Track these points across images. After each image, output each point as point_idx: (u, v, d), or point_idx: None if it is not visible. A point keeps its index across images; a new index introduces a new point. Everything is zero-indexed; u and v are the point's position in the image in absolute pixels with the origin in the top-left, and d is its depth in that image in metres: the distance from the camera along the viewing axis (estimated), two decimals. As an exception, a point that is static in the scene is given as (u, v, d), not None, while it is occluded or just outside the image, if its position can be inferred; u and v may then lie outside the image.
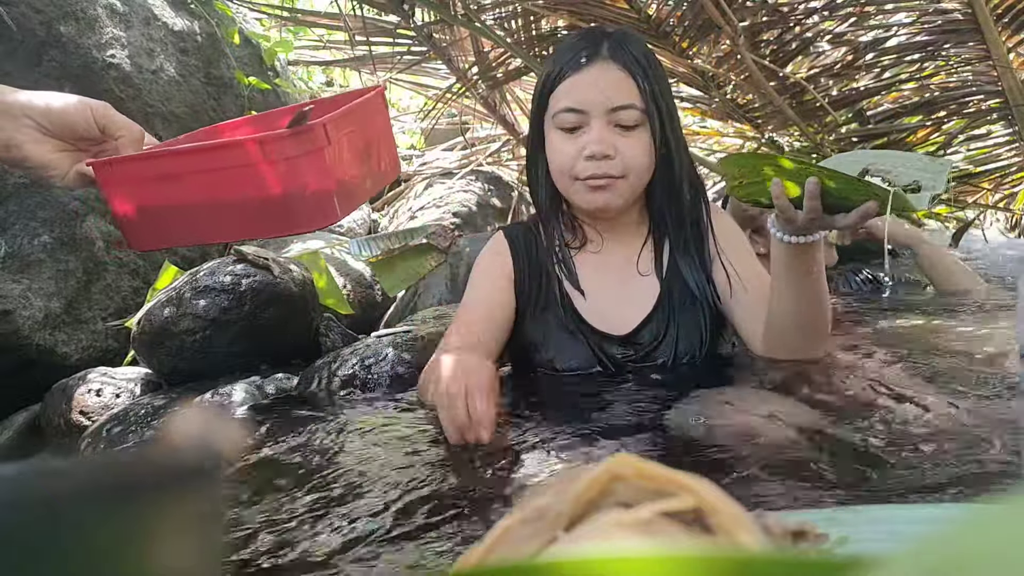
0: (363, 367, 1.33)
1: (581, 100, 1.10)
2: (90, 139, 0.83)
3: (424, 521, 0.70)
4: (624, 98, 1.10)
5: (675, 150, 1.15)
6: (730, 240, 1.20)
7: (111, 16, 1.89)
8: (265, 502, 0.79)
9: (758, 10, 1.99)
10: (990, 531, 0.14)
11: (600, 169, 1.10)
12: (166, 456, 0.18)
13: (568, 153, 1.12)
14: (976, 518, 0.14)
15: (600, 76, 1.10)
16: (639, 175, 1.13)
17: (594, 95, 1.10)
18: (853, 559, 0.15)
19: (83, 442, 1.30)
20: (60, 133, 0.81)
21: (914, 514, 0.41)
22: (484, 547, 0.25)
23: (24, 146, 0.79)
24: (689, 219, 1.19)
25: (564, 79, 1.12)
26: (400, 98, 3.76)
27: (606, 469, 0.25)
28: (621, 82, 1.10)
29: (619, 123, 1.10)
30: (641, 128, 1.11)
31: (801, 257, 0.98)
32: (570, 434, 0.90)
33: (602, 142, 1.09)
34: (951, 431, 0.82)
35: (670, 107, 1.15)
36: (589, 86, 1.10)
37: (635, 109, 1.10)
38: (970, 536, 0.14)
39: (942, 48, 2.03)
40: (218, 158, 0.79)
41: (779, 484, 0.69)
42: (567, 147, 1.12)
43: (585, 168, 1.11)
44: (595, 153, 1.09)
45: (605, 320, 1.17)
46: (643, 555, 0.15)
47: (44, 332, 1.67)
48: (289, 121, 0.76)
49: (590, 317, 1.17)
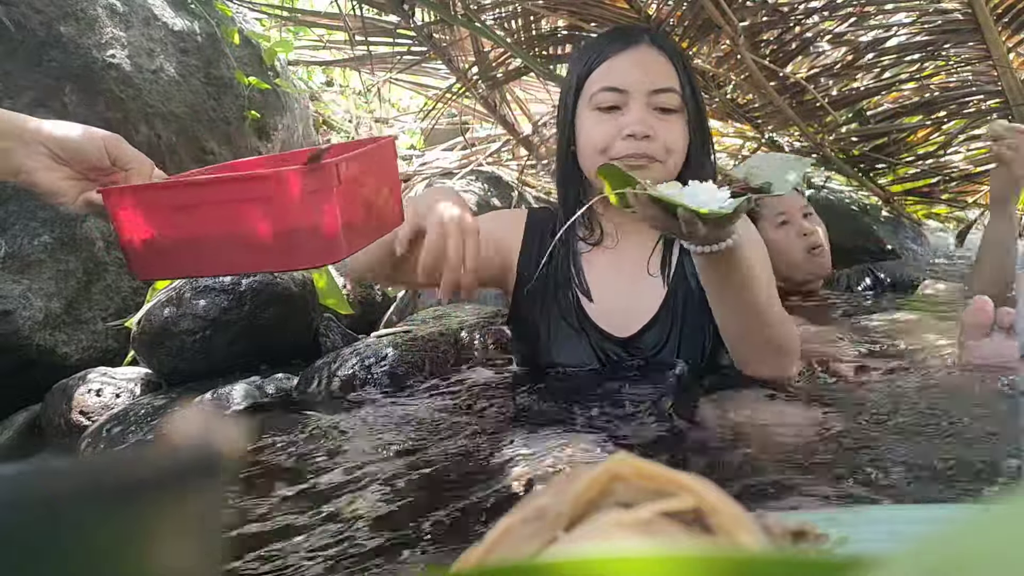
0: (363, 367, 1.33)
1: (622, 80, 1.10)
2: (101, 169, 0.85)
3: (424, 521, 0.70)
4: (665, 81, 1.10)
5: (703, 147, 1.15)
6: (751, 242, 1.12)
7: (111, 16, 1.89)
8: (265, 502, 0.79)
9: (758, 10, 1.99)
10: (990, 531, 0.14)
11: (640, 149, 1.08)
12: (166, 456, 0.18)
13: (605, 132, 1.10)
14: (976, 518, 0.14)
15: (643, 58, 1.11)
16: (676, 161, 1.12)
17: (637, 75, 1.09)
18: (853, 559, 0.15)
19: (83, 442, 1.31)
20: (72, 162, 0.83)
21: (914, 514, 0.41)
22: (484, 547, 0.25)
23: (35, 173, 0.81)
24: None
25: (603, 62, 1.12)
26: (400, 98, 3.76)
27: (606, 469, 0.25)
28: (662, 66, 1.11)
29: (658, 106, 1.09)
30: (679, 114, 1.11)
31: (713, 266, 0.94)
32: (570, 434, 0.90)
33: (643, 122, 1.08)
34: (951, 431, 0.82)
35: (700, 105, 1.16)
36: (632, 66, 1.10)
37: (675, 93, 1.10)
38: (970, 536, 0.14)
39: (942, 48, 2.03)
40: (229, 191, 0.80)
41: (779, 484, 0.69)
42: (603, 127, 1.10)
43: (624, 148, 1.08)
44: (636, 132, 1.07)
45: (610, 320, 1.15)
46: (643, 555, 0.15)
47: (44, 332, 1.67)
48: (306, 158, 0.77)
49: (596, 316, 1.16)
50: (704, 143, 1.16)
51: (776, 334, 1.01)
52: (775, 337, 1.01)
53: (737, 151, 2.77)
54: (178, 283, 1.53)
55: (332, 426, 1.09)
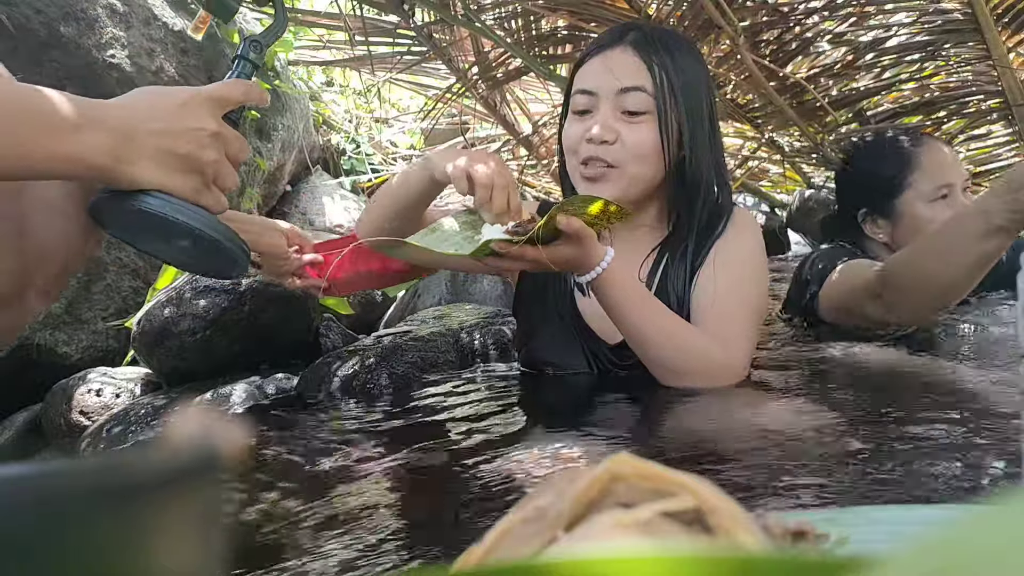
0: (363, 367, 1.33)
1: (592, 82, 1.10)
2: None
3: (424, 521, 0.70)
4: (632, 80, 1.07)
5: (695, 152, 1.10)
6: (730, 256, 1.12)
7: (111, 16, 1.89)
8: (265, 502, 0.79)
9: (758, 10, 1.99)
10: (990, 531, 0.13)
11: (597, 153, 1.07)
12: (166, 456, 0.18)
13: (574, 135, 1.10)
14: (977, 519, 0.14)
15: (614, 60, 1.09)
16: (639, 166, 1.08)
17: (604, 77, 1.09)
18: (853, 559, 0.15)
19: (83, 442, 1.30)
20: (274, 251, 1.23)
21: (915, 515, 0.41)
22: (484, 547, 0.25)
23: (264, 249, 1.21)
24: (697, 228, 1.13)
25: (583, 64, 1.13)
26: (400, 98, 3.76)
27: (606, 469, 0.25)
28: (633, 66, 1.08)
29: (626, 108, 1.07)
30: (649, 116, 1.07)
31: (594, 290, 1.02)
32: (570, 434, 0.90)
33: (604, 125, 1.06)
34: (952, 432, 0.82)
35: (695, 109, 1.10)
36: (602, 68, 1.09)
37: (642, 92, 1.06)
38: (970, 537, 0.14)
39: (942, 48, 2.02)
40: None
41: (779, 484, 0.69)
42: (574, 129, 1.11)
43: (585, 151, 1.08)
44: (593, 136, 1.07)
45: (601, 325, 1.15)
46: (643, 555, 0.15)
47: (44, 332, 1.67)
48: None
49: (590, 320, 1.16)
50: (698, 151, 1.10)
51: (665, 356, 1.03)
52: (664, 358, 1.04)
53: (737, 151, 2.77)
54: (178, 283, 1.53)
55: (332, 426, 1.09)
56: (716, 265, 1.11)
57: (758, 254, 1.16)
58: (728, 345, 1.05)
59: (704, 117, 1.12)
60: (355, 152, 3.37)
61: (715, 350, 1.04)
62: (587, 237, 0.94)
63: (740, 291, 1.10)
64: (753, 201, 3.40)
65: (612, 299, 1.01)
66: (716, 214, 1.15)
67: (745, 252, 1.14)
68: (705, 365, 1.03)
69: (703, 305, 1.09)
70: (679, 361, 1.03)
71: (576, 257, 0.96)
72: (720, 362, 1.04)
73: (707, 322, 1.07)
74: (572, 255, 0.96)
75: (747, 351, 1.08)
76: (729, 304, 1.08)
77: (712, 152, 1.13)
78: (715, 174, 1.14)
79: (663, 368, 1.05)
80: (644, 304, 1.03)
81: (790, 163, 2.86)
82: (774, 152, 2.69)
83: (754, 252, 1.15)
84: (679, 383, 1.04)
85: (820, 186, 2.81)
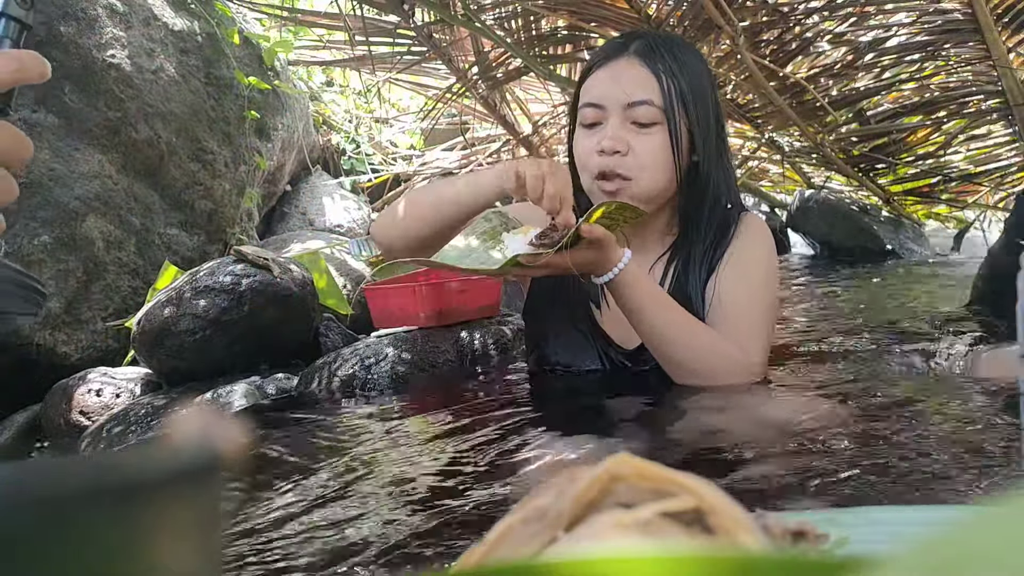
0: (363, 367, 1.33)
1: (600, 95, 1.09)
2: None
3: (424, 521, 0.70)
4: (641, 94, 1.07)
5: (708, 160, 1.11)
6: (744, 259, 1.13)
7: (111, 16, 1.89)
8: (265, 502, 0.79)
9: (758, 10, 1.99)
10: (990, 532, 0.13)
11: (609, 165, 1.07)
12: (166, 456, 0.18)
13: (585, 148, 1.10)
14: (977, 519, 0.14)
15: (621, 72, 1.09)
16: (653, 176, 1.08)
17: (612, 90, 1.08)
18: (853, 559, 0.15)
19: (83, 442, 1.31)
20: None
21: (915, 515, 0.41)
22: (484, 547, 0.25)
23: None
24: (711, 234, 1.14)
25: (589, 76, 1.12)
26: (400, 98, 3.76)
27: (606, 469, 0.25)
28: (641, 78, 1.08)
29: (636, 120, 1.07)
30: (659, 127, 1.07)
31: (610, 292, 1.02)
32: (571, 434, 0.90)
33: (614, 138, 1.07)
34: (952, 432, 0.82)
35: (703, 115, 1.10)
36: (609, 80, 1.09)
37: (652, 106, 1.07)
38: (971, 538, 0.14)
39: (942, 48, 2.03)
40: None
41: (779, 484, 0.69)
42: (586, 142, 1.10)
43: (597, 163, 1.08)
44: (606, 148, 1.07)
45: (616, 329, 1.15)
46: (643, 555, 0.15)
47: (44, 332, 1.67)
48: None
49: (605, 323, 1.16)
50: (710, 159, 1.11)
51: (683, 355, 1.04)
52: (681, 357, 1.04)
53: (737, 151, 2.77)
54: (178, 283, 1.53)
55: (332, 426, 1.09)
56: (731, 268, 1.12)
57: (771, 257, 1.18)
58: (745, 345, 1.06)
59: (712, 122, 1.13)
60: (355, 152, 3.37)
61: (732, 349, 1.05)
62: (607, 241, 0.95)
63: (755, 293, 1.11)
64: (753, 201, 3.40)
65: (629, 299, 1.01)
66: (726, 218, 1.16)
67: (759, 255, 1.15)
68: (722, 363, 1.04)
69: (719, 306, 1.10)
70: (697, 360, 1.04)
71: (596, 260, 0.97)
72: (737, 360, 1.05)
73: (723, 323, 1.07)
74: (593, 258, 0.97)
75: (764, 350, 1.09)
76: (745, 305, 1.09)
77: (721, 157, 1.14)
78: (724, 177, 1.15)
79: (680, 367, 1.05)
80: (661, 303, 1.03)
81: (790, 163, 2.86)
82: (774, 152, 2.70)
83: (767, 255, 1.16)
84: (696, 382, 1.05)
85: (820, 186, 2.82)
